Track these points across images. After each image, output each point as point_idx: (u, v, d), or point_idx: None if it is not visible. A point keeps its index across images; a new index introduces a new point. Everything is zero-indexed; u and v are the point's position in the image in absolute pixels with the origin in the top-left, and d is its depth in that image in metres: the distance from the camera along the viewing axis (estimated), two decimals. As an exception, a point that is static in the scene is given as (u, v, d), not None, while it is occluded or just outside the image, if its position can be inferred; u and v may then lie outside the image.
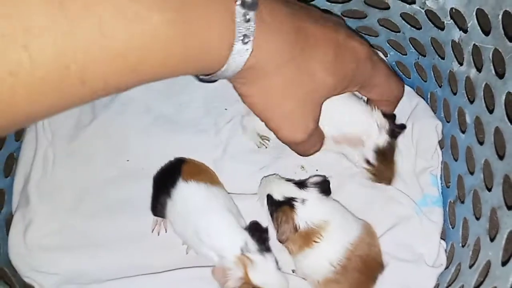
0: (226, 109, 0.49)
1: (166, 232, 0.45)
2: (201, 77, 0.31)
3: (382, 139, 0.42)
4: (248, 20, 0.27)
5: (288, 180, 0.43)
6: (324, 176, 0.43)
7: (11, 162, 0.47)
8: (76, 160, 0.47)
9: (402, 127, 0.44)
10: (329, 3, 0.47)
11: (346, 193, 0.45)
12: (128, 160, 0.47)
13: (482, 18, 0.36)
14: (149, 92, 0.50)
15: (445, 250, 0.43)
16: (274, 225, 0.41)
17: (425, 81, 0.48)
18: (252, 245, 0.38)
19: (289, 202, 0.40)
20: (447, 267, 0.43)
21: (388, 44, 0.49)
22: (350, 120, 0.41)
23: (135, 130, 0.48)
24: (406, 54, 0.48)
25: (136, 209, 0.45)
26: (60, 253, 0.44)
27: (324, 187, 0.42)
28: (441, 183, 0.46)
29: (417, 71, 0.48)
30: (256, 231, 0.40)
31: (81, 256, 0.44)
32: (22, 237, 0.44)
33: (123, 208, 0.46)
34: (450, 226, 0.44)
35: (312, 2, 0.47)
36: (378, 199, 0.45)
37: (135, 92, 0.49)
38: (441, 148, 0.47)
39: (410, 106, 0.48)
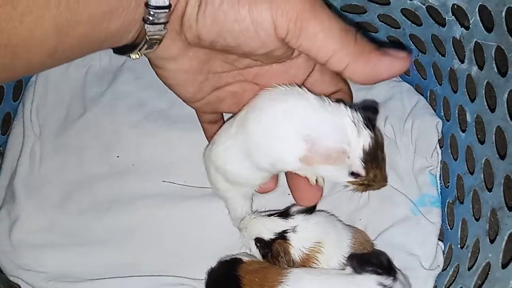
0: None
1: None
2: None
3: (365, 137, 0.32)
4: None
5: (269, 214, 0.40)
6: None
7: (-3, 157, 0.46)
8: (65, 156, 0.46)
9: (374, 105, 0.35)
10: (328, -3, 0.46)
11: (340, 193, 0.44)
12: (118, 156, 0.46)
13: (485, 14, 0.35)
14: (142, 87, 0.49)
15: (443, 252, 0.43)
16: (270, 262, 0.39)
17: (425, 79, 0.47)
18: None
19: (281, 236, 0.38)
20: (444, 269, 0.42)
21: (387, 41, 0.48)
22: (319, 130, 0.32)
23: (126, 125, 0.47)
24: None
25: (125, 206, 0.44)
26: (47, 250, 0.43)
27: (308, 210, 0.40)
28: (440, 183, 0.45)
29: (417, 69, 0.47)
30: None
31: (69, 254, 0.43)
32: (7, 234, 0.43)
33: (112, 205, 0.44)
34: (448, 227, 0.43)
35: (311, -4, 0.46)
36: (374, 199, 0.44)
37: (127, 86, 0.49)
38: (441, 147, 0.46)
39: (410, 104, 0.47)
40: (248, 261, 0.39)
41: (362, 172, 0.33)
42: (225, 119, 0.43)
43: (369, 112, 0.33)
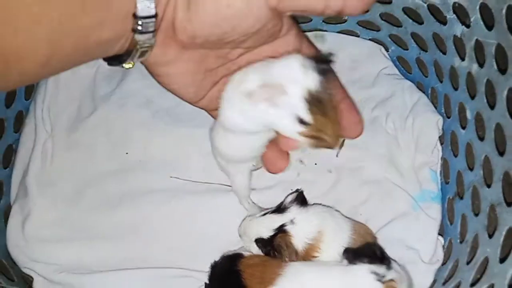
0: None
1: None
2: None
3: (312, 79, 0.31)
4: None
5: (264, 213, 0.41)
6: (296, 190, 0.42)
7: (10, 154, 0.47)
8: (76, 152, 0.47)
9: (329, 56, 0.32)
10: (330, -3, 0.47)
11: (343, 189, 0.45)
12: (127, 153, 0.47)
13: (486, 12, 0.36)
14: (150, 85, 0.49)
15: (443, 246, 0.43)
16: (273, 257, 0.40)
17: (426, 77, 0.47)
18: None
19: (281, 230, 0.39)
20: (444, 263, 0.42)
21: (389, 39, 0.49)
22: (269, 71, 0.32)
23: (135, 123, 0.48)
24: (407, 49, 0.48)
25: (133, 201, 0.45)
26: (58, 244, 0.44)
27: (299, 199, 0.40)
28: (440, 179, 0.46)
29: (419, 66, 0.48)
30: None
31: (79, 248, 0.44)
32: (20, 228, 0.44)
33: (121, 200, 0.46)
34: (448, 222, 0.44)
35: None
36: (375, 194, 0.45)
37: (135, 85, 0.50)
38: (441, 144, 0.46)
39: (411, 101, 0.47)
40: (248, 255, 0.40)
41: (306, 115, 0.31)
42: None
43: (323, 59, 0.32)
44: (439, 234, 0.44)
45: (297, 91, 0.31)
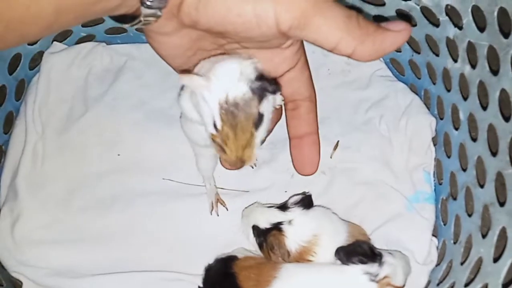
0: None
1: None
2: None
3: (236, 89, 0.30)
4: None
5: (270, 206, 0.42)
6: (304, 192, 0.43)
7: (-1, 155, 0.47)
8: (67, 154, 0.47)
9: (275, 83, 0.31)
10: (324, -1, 0.47)
11: (337, 190, 0.45)
12: (119, 155, 0.47)
13: (477, 15, 0.36)
14: (143, 86, 0.49)
15: (437, 247, 0.44)
16: (266, 254, 0.40)
17: (419, 78, 0.48)
18: None
19: (276, 227, 0.39)
20: (438, 264, 0.43)
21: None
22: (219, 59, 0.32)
23: (127, 124, 0.48)
24: (400, 51, 0.48)
25: (126, 203, 0.45)
26: (49, 247, 0.43)
27: (305, 202, 0.41)
28: (434, 180, 0.46)
29: (412, 68, 0.48)
30: None
31: (70, 251, 0.43)
32: (10, 231, 0.44)
33: (113, 202, 0.45)
34: (442, 223, 0.44)
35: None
36: (369, 195, 0.45)
37: (128, 86, 0.50)
38: (434, 145, 0.47)
39: (405, 103, 0.48)
40: (243, 257, 0.40)
41: (218, 120, 0.30)
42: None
43: (267, 83, 0.31)
44: (433, 235, 0.44)
45: (219, 93, 0.30)
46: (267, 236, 0.40)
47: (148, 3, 0.29)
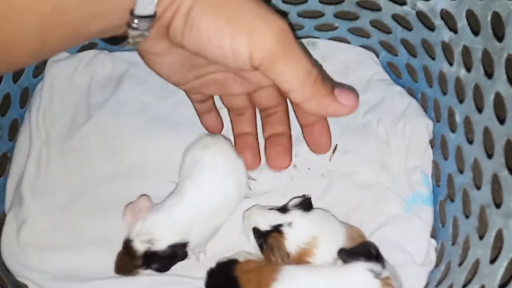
0: (220, 108, 0.49)
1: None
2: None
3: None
4: None
5: (270, 208, 0.42)
6: (304, 195, 0.43)
7: (5, 162, 0.47)
8: (70, 160, 0.47)
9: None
10: (321, 4, 0.48)
11: (336, 193, 0.46)
12: (122, 160, 0.48)
13: (472, 19, 0.36)
14: (145, 92, 0.50)
15: (436, 249, 0.44)
16: (266, 256, 0.41)
17: (416, 82, 0.48)
18: None
19: (276, 229, 0.40)
20: (437, 266, 0.43)
21: (379, 45, 0.50)
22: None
23: (130, 129, 0.48)
24: (397, 55, 0.49)
25: (129, 208, 0.45)
26: (54, 251, 0.44)
27: (305, 205, 0.42)
28: (432, 182, 0.46)
29: (409, 72, 0.49)
30: None
31: (75, 255, 0.44)
32: (15, 236, 0.44)
33: (117, 207, 0.45)
34: (440, 225, 0.45)
35: (305, 4, 0.48)
36: (368, 198, 0.45)
37: (130, 92, 0.51)
38: (432, 147, 0.47)
39: (402, 106, 0.48)
40: (244, 261, 0.40)
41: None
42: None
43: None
44: (432, 236, 0.44)
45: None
46: (267, 238, 0.40)
47: (134, 25, 0.30)
